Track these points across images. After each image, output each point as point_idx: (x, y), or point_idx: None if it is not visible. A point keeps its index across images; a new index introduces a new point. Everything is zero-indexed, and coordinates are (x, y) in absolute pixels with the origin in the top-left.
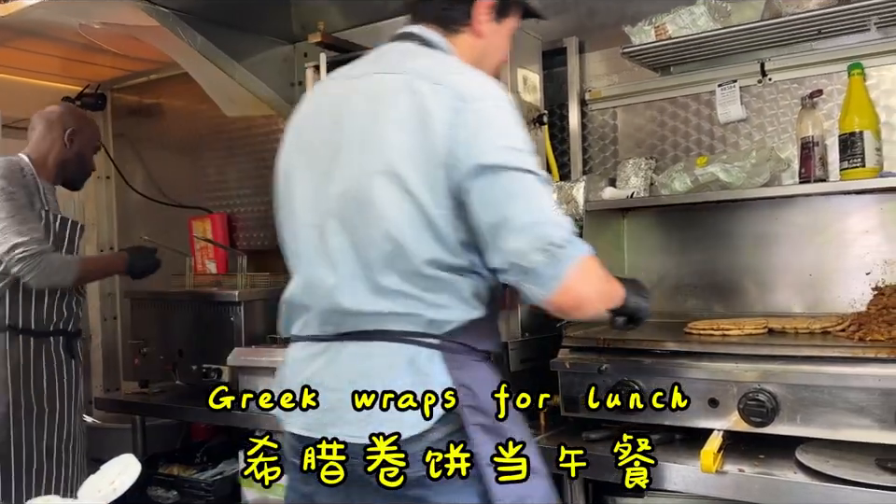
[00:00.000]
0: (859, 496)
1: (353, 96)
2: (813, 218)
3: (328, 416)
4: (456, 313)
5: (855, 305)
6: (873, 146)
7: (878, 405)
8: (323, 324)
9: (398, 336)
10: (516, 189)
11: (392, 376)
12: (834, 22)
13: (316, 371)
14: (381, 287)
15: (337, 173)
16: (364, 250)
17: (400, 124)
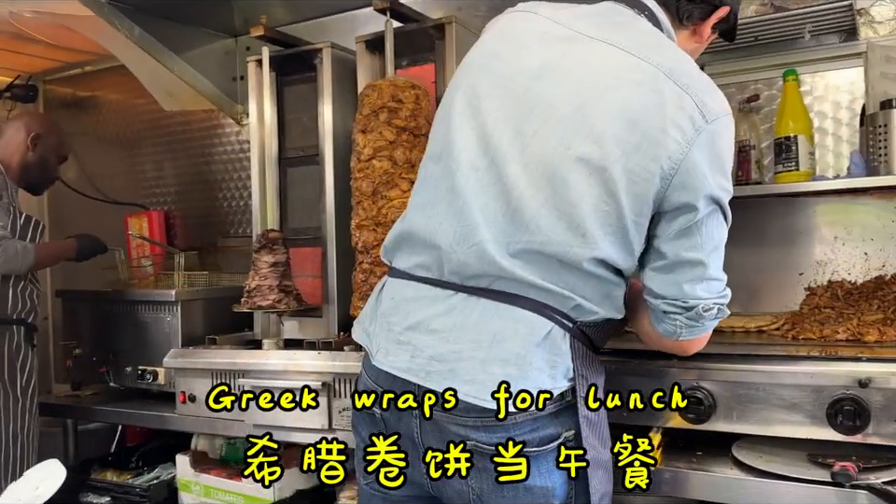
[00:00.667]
0: (792, 490)
1: (576, 55)
2: (749, 220)
3: (436, 366)
4: (601, 309)
5: (789, 305)
6: (806, 150)
7: (810, 402)
8: (455, 272)
9: (540, 307)
10: (719, 235)
11: (528, 344)
12: (771, 30)
13: (434, 315)
14: (535, 260)
15: (534, 130)
16: (537, 221)
17: (631, 122)
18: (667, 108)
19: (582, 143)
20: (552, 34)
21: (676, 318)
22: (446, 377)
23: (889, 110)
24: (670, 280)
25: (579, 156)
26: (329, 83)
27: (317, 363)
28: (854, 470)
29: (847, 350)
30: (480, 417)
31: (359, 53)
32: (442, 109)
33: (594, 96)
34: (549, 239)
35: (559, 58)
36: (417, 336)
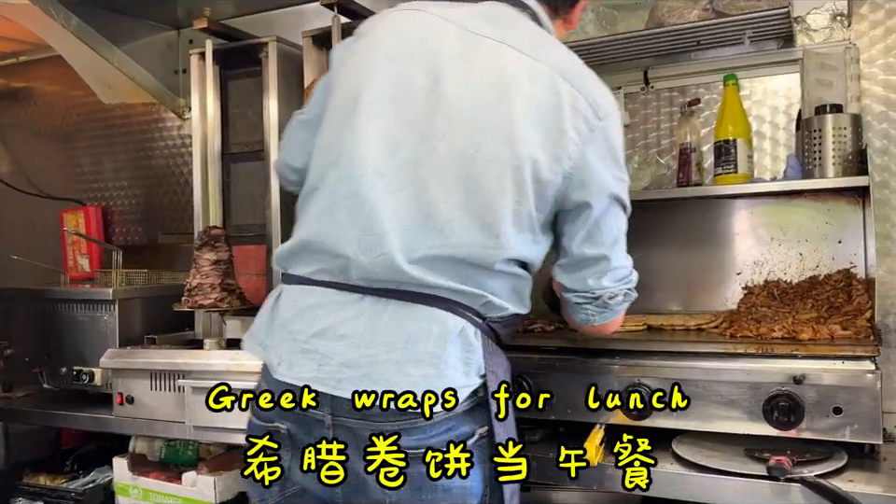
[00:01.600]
0: (730, 484)
1: (473, 55)
2: (689, 221)
3: (347, 373)
4: (510, 305)
5: (727, 304)
6: (745, 153)
7: (747, 398)
8: (362, 277)
9: (451, 305)
10: (621, 228)
11: (443, 343)
12: (712, 35)
13: (342, 321)
14: (446, 265)
15: (441, 133)
16: (451, 224)
17: (535, 122)
18: (565, 109)
19: (492, 143)
20: (446, 33)
21: (586, 308)
22: (360, 382)
23: (824, 115)
24: (577, 276)
25: (490, 157)
26: (274, 78)
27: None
28: (788, 464)
29: (782, 348)
30: (397, 420)
31: (306, 48)
32: (335, 112)
33: (496, 97)
34: (463, 241)
35: (457, 58)
36: (325, 343)
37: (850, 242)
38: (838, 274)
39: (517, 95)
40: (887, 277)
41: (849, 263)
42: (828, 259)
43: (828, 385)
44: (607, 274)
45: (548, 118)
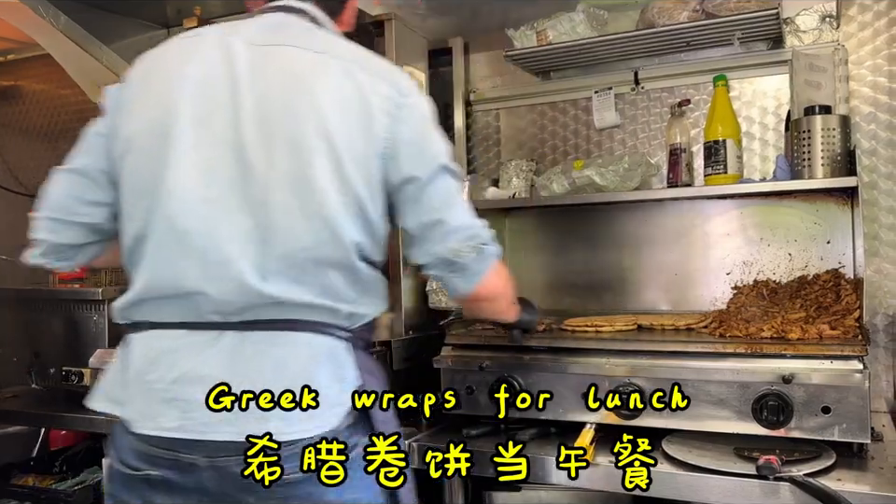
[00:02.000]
0: (719, 483)
1: (265, 66)
2: (679, 221)
3: (215, 415)
4: (370, 309)
5: (716, 303)
6: (734, 153)
7: (736, 397)
8: (216, 311)
9: (314, 325)
10: (451, 191)
11: (313, 365)
12: (702, 36)
13: (203, 362)
14: (300, 274)
15: (252, 144)
16: (293, 230)
17: (343, 112)
18: (368, 95)
19: (308, 140)
20: (234, 51)
21: (450, 277)
22: (231, 422)
23: (813, 116)
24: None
25: (309, 153)
26: None
27: None
28: (777, 463)
29: (771, 347)
30: (278, 451)
31: None
32: (139, 156)
33: (299, 97)
34: (308, 243)
35: (252, 70)
36: (184, 388)
37: (839, 242)
38: (827, 274)
39: (320, 91)
40: (875, 277)
41: (838, 263)
42: (817, 260)
43: (816, 384)
44: (449, 237)
45: (353, 106)
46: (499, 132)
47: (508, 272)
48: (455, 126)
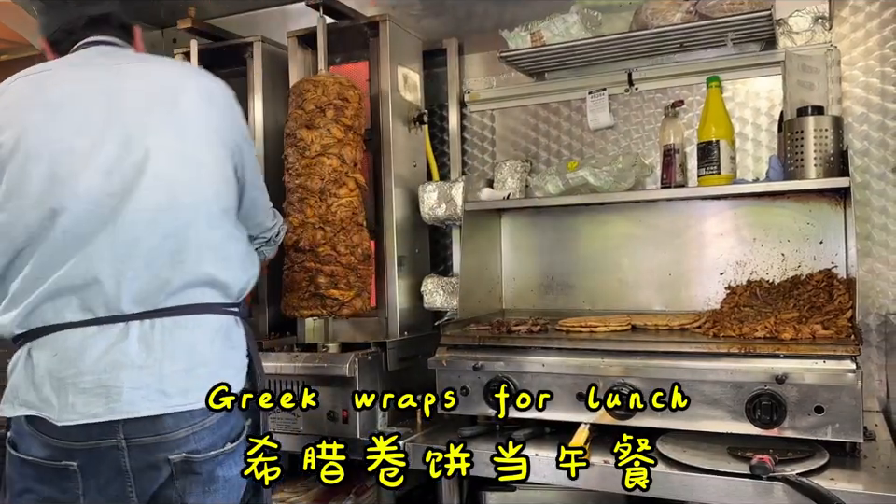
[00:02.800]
0: (713, 482)
1: (122, 83)
2: (673, 222)
3: (139, 394)
4: (244, 273)
5: (710, 303)
6: (728, 154)
7: (730, 397)
8: (114, 305)
9: (209, 307)
10: (260, 173)
11: (215, 343)
12: (695, 37)
13: (116, 351)
14: (183, 259)
15: (131, 151)
16: (164, 224)
17: (196, 112)
18: (194, 95)
19: (188, 141)
20: (83, 77)
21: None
22: (154, 399)
23: (805, 117)
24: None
25: (193, 149)
26: (259, 78)
27: None
28: (771, 463)
29: (764, 347)
30: (189, 426)
31: (291, 49)
32: (27, 183)
33: (160, 106)
34: (184, 235)
35: (115, 92)
36: (107, 376)
37: (831, 242)
38: (819, 274)
39: (177, 98)
40: (867, 277)
41: (831, 263)
42: (809, 260)
43: (809, 384)
44: (269, 215)
45: (203, 105)
46: (494, 132)
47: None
48: (450, 127)
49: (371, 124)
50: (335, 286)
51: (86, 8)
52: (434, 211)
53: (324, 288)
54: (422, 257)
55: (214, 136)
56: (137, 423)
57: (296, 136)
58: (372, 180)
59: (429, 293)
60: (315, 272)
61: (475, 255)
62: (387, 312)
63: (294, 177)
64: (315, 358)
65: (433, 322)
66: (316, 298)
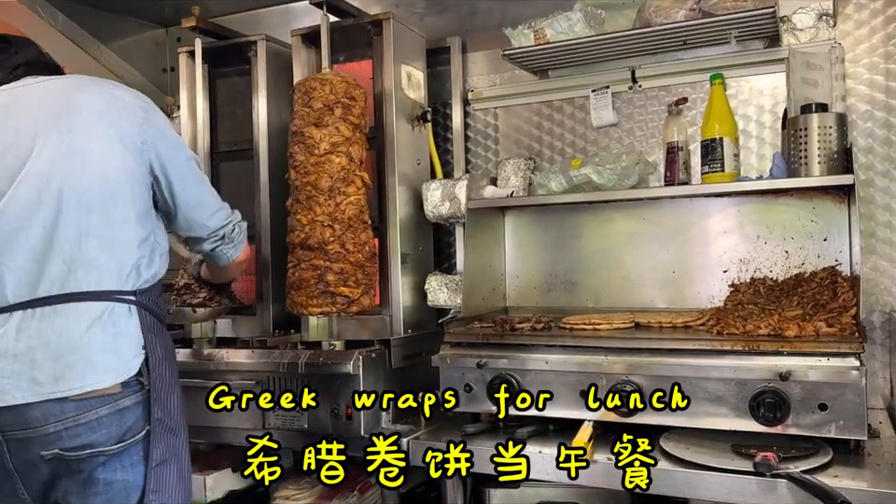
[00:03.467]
0: (716, 480)
1: (22, 95)
2: (677, 219)
3: (10, 383)
4: (130, 261)
5: (714, 301)
6: (731, 151)
7: (734, 394)
8: (0, 296)
9: (96, 294)
10: (201, 177)
11: (93, 329)
12: (699, 34)
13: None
14: (62, 247)
15: (18, 153)
16: (42, 214)
17: (89, 109)
18: (90, 96)
19: (74, 133)
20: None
21: (210, 252)
22: (26, 387)
23: (809, 114)
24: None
25: (79, 141)
26: (263, 76)
27: (251, 361)
28: (775, 460)
29: (768, 345)
30: (59, 421)
31: (295, 47)
32: None
33: (52, 110)
34: (76, 224)
35: (14, 103)
36: None
37: (835, 239)
38: (823, 272)
39: (78, 104)
40: (871, 274)
41: (835, 261)
42: (813, 257)
43: (813, 381)
44: (215, 215)
45: (110, 110)
46: (497, 130)
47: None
48: (453, 125)
49: (374, 122)
50: (344, 283)
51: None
52: (438, 209)
53: (333, 286)
54: (425, 254)
55: (110, 130)
56: (8, 414)
57: (304, 134)
58: (376, 178)
59: (433, 291)
60: (324, 269)
61: (479, 253)
62: (391, 309)
63: (302, 175)
64: (320, 356)
65: (437, 320)
66: (326, 295)
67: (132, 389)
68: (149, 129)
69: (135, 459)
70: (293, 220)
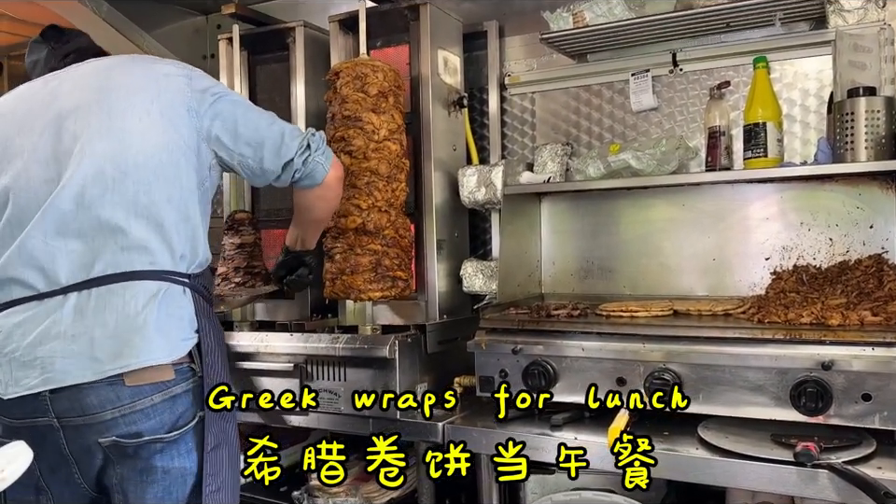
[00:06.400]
0: (755, 469)
1: (62, 84)
2: (718, 205)
3: (71, 364)
4: (184, 242)
5: (755, 289)
6: (775, 136)
7: (774, 383)
8: (53, 279)
9: (150, 274)
10: (256, 117)
11: (149, 309)
12: (742, 16)
13: (53, 323)
14: (114, 228)
15: (62, 139)
16: (91, 197)
17: (126, 87)
18: (172, 70)
19: (114, 116)
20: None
21: (303, 167)
22: (86, 366)
23: (856, 98)
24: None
25: (120, 123)
26: (301, 63)
27: (289, 345)
28: (816, 450)
29: (810, 333)
30: (116, 408)
31: (333, 33)
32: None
33: (91, 93)
34: (128, 206)
35: (56, 87)
36: (42, 348)
37: (882, 227)
38: (869, 260)
39: (101, 86)
40: None
41: (881, 248)
42: (859, 245)
43: (857, 371)
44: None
45: (151, 85)
46: (534, 115)
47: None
48: (490, 110)
49: (410, 108)
50: (399, 267)
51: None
52: (474, 195)
53: (391, 270)
54: (461, 240)
55: (151, 107)
56: (65, 400)
57: (361, 119)
58: (412, 164)
59: (469, 277)
60: (381, 254)
61: (514, 239)
62: (427, 295)
63: (359, 160)
64: (356, 340)
65: (472, 306)
66: (386, 279)
67: (183, 376)
68: (194, 94)
69: (190, 446)
70: (348, 205)
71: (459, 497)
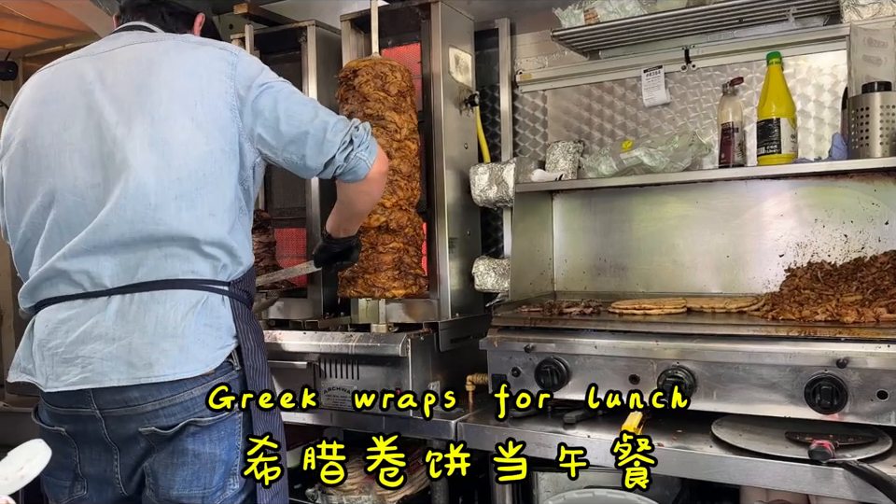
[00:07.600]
0: (770, 467)
1: (103, 77)
2: (731, 202)
3: (109, 365)
4: (244, 255)
5: (769, 286)
6: (789, 133)
7: (789, 381)
8: (98, 280)
9: (192, 283)
10: (300, 108)
11: (188, 317)
12: (755, 12)
13: (95, 323)
14: (157, 238)
15: (105, 141)
16: (134, 208)
17: (169, 91)
18: (215, 63)
19: (156, 123)
20: (72, 71)
21: (345, 163)
22: (123, 370)
23: (871, 93)
24: (302, 166)
25: (163, 131)
26: (313, 62)
27: (302, 343)
28: (831, 448)
29: (825, 331)
30: (157, 400)
31: (344, 32)
32: (20, 169)
33: (132, 96)
34: (172, 212)
35: (94, 83)
36: (83, 347)
37: None
38: (885, 256)
39: (142, 86)
40: None
41: None
42: (874, 241)
43: (872, 368)
44: (320, 145)
45: (207, 73)
46: (546, 113)
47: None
48: (502, 108)
49: (422, 106)
50: (418, 265)
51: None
52: (485, 193)
53: (412, 268)
54: (473, 238)
55: (196, 109)
56: (107, 394)
57: (385, 118)
58: (424, 162)
59: (480, 275)
60: (402, 252)
61: (526, 236)
62: (439, 293)
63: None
64: (369, 338)
65: (484, 304)
66: (409, 277)
67: (223, 371)
68: (238, 90)
69: (222, 434)
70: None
71: (472, 495)
